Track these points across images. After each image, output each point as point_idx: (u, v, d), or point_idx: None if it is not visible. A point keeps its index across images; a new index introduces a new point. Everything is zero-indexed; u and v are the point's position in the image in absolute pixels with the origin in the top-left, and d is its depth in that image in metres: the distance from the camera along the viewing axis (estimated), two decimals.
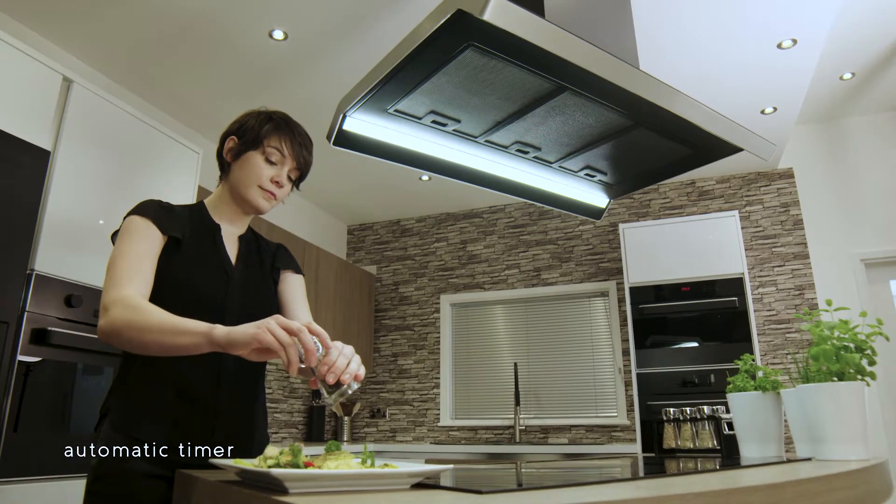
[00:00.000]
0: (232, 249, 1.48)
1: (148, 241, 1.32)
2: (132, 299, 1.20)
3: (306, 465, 0.91)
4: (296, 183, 1.52)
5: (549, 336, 5.06)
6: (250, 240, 1.54)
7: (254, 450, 1.41)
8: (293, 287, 1.56)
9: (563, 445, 4.18)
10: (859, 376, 1.47)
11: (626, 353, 4.73)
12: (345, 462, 0.93)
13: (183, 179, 3.18)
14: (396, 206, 5.58)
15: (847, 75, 3.98)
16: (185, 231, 1.40)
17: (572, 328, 5.01)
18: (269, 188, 1.43)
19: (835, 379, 1.48)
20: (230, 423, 1.37)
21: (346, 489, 0.88)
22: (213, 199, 1.51)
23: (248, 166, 1.43)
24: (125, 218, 1.37)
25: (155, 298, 1.31)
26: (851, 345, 1.50)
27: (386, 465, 0.96)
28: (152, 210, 1.37)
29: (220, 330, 1.09)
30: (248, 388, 1.44)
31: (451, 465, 1.01)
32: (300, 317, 1.52)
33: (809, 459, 1.46)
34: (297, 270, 1.60)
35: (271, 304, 1.50)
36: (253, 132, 1.43)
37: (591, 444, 4.55)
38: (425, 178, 4.93)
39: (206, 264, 1.41)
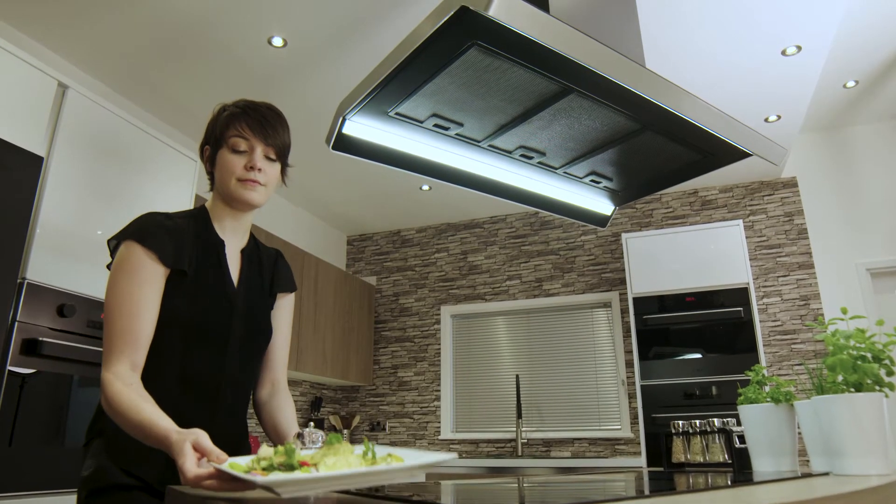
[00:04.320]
0: (234, 266, 1.44)
1: (149, 285, 1.26)
2: (115, 393, 1.15)
3: (301, 465, 0.85)
4: (279, 161, 1.44)
5: (551, 348, 5.00)
6: (252, 253, 1.50)
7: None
8: (283, 311, 1.56)
9: (565, 459, 4.12)
10: (877, 387, 1.42)
11: (629, 364, 4.67)
12: (343, 459, 0.88)
13: (179, 188, 3.14)
14: (396, 216, 5.53)
15: (851, 83, 3.95)
16: (190, 257, 1.33)
17: (575, 339, 4.95)
18: (247, 176, 1.36)
19: (852, 390, 1.43)
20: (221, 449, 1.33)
21: (344, 488, 0.81)
22: (210, 205, 1.46)
23: (222, 165, 1.38)
24: (124, 239, 1.30)
25: (158, 335, 1.28)
26: (868, 354, 1.45)
27: (390, 455, 0.91)
28: (156, 238, 1.29)
29: (174, 440, 1.01)
30: (240, 415, 1.43)
31: (454, 454, 0.95)
32: (279, 343, 1.53)
33: (826, 474, 1.41)
34: (292, 288, 1.58)
35: (268, 332, 1.49)
36: (214, 133, 1.40)
37: (594, 457, 4.48)
38: (425, 187, 4.89)
39: (211, 295, 1.36)
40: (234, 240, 1.45)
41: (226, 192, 1.39)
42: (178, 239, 1.33)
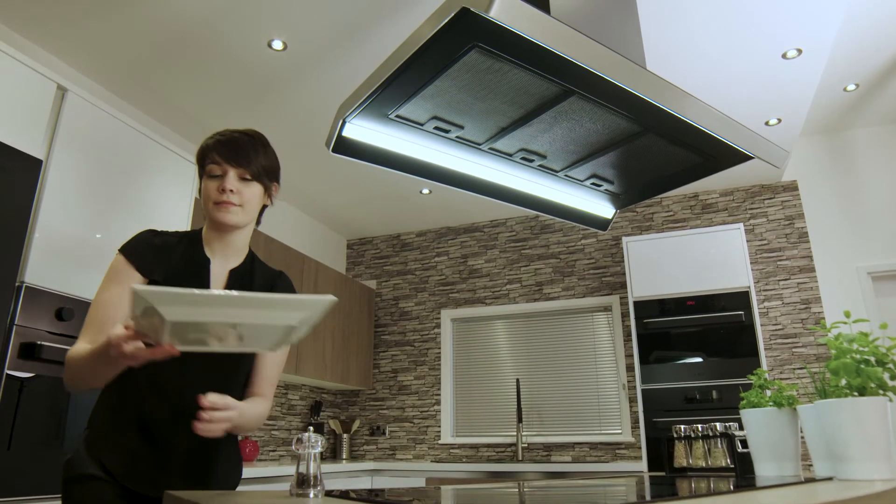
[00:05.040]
0: (219, 284, 1.49)
1: (123, 285, 1.40)
2: (71, 353, 1.30)
3: None
4: (257, 181, 1.49)
5: (551, 351, 4.99)
6: (244, 273, 1.53)
7: (213, 484, 1.44)
8: None
9: (566, 463, 4.10)
10: (881, 391, 1.41)
11: (630, 368, 4.65)
12: None
13: (179, 191, 3.13)
14: (396, 220, 5.53)
15: (851, 87, 3.95)
16: (169, 270, 1.44)
17: (575, 343, 4.94)
18: (220, 199, 1.44)
19: (855, 394, 1.42)
20: (187, 458, 1.40)
21: (225, 317, 1.00)
22: (204, 228, 1.55)
23: (203, 192, 1.48)
24: (119, 251, 1.45)
25: None
26: (872, 358, 1.44)
27: None
28: (139, 250, 1.44)
29: (109, 333, 1.15)
30: None
31: (330, 297, 1.09)
32: (264, 361, 1.53)
33: (830, 479, 1.40)
34: None
35: (241, 353, 1.48)
36: (198, 166, 1.51)
37: (595, 461, 4.46)
38: (426, 191, 4.88)
39: None
40: (222, 259, 1.51)
41: (208, 216, 1.48)
42: (160, 253, 1.45)
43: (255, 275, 1.54)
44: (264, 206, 1.58)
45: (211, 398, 1.21)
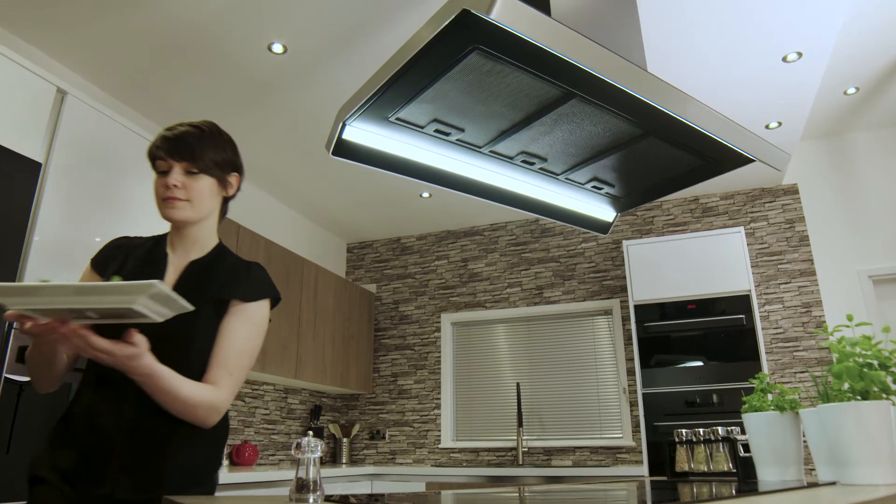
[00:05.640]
0: (173, 277, 1.47)
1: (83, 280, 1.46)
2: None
3: None
4: (206, 174, 1.45)
5: (551, 355, 4.98)
6: (204, 265, 1.49)
7: (164, 486, 1.34)
8: (231, 318, 1.45)
9: (567, 468, 4.09)
10: (884, 395, 1.40)
11: (630, 372, 4.64)
12: None
13: None
14: (396, 223, 5.52)
15: (851, 90, 3.94)
16: (125, 267, 1.46)
17: (576, 347, 4.93)
18: (166, 195, 1.43)
19: (858, 398, 1.41)
20: (131, 455, 1.34)
21: (66, 303, 1.02)
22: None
23: (153, 189, 1.48)
24: None
25: None
26: (875, 362, 1.43)
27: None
28: (100, 252, 1.51)
29: None
30: (160, 422, 1.36)
31: (151, 282, 1.05)
32: (219, 346, 1.42)
33: (833, 483, 1.39)
34: (248, 298, 1.46)
35: (180, 337, 1.39)
36: (150, 164, 1.49)
37: (595, 466, 4.44)
38: (426, 194, 4.88)
39: None
40: (182, 253, 1.51)
41: (159, 213, 1.47)
42: (118, 251, 1.51)
43: (217, 266, 1.49)
44: (228, 198, 1.54)
45: (93, 333, 1.17)
